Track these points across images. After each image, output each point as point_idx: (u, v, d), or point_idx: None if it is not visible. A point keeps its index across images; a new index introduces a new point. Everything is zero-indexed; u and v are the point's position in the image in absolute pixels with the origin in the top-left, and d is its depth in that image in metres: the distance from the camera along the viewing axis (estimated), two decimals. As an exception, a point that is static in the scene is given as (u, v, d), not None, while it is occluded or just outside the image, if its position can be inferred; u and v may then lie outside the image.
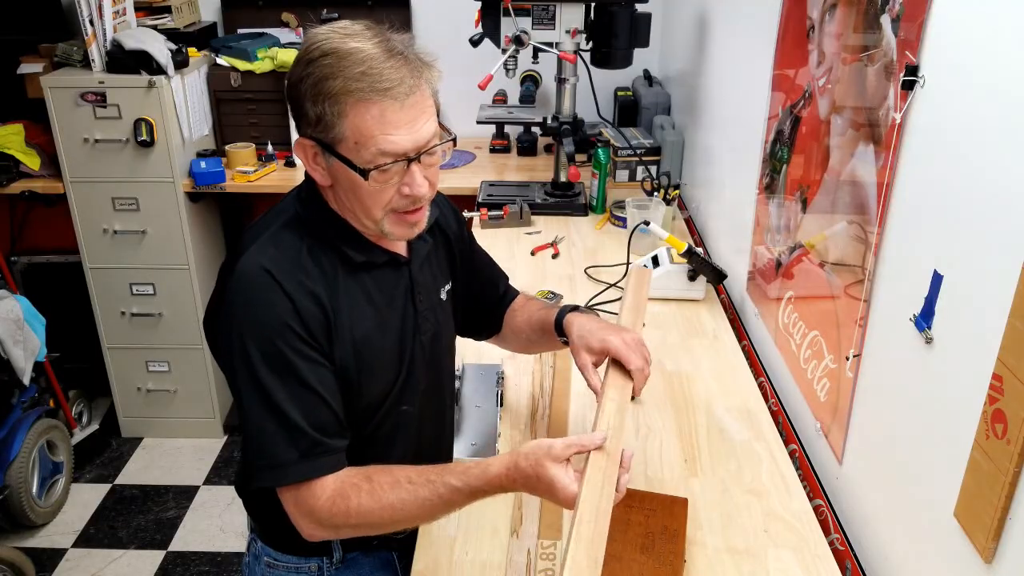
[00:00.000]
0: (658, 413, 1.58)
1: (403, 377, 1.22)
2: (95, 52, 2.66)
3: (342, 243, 1.14)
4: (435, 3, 3.10)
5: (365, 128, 1.02)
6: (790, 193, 1.60)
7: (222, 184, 2.80)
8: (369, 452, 1.21)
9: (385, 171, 1.05)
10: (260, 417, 1.06)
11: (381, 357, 1.19)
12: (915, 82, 1.09)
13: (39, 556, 2.59)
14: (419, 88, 1.05)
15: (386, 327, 1.19)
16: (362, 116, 1.02)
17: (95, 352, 3.05)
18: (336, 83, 1.01)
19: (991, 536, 0.89)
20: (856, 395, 1.28)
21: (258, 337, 1.06)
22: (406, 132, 1.04)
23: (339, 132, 1.03)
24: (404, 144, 1.05)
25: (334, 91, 1.01)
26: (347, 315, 1.13)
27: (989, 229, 0.93)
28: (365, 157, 1.04)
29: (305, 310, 1.08)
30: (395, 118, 1.03)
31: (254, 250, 1.10)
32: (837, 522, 1.31)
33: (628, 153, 2.64)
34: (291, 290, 1.07)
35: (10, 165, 2.82)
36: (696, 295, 1.99)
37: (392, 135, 1.03)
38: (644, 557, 1.17)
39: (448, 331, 1.34)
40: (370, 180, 1.05)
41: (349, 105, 1.02)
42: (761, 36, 1.79)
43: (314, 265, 1.11)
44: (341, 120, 1.03)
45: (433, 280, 1.29)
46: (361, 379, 1.16)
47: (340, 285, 1.13)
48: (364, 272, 1.17)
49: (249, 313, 1.07)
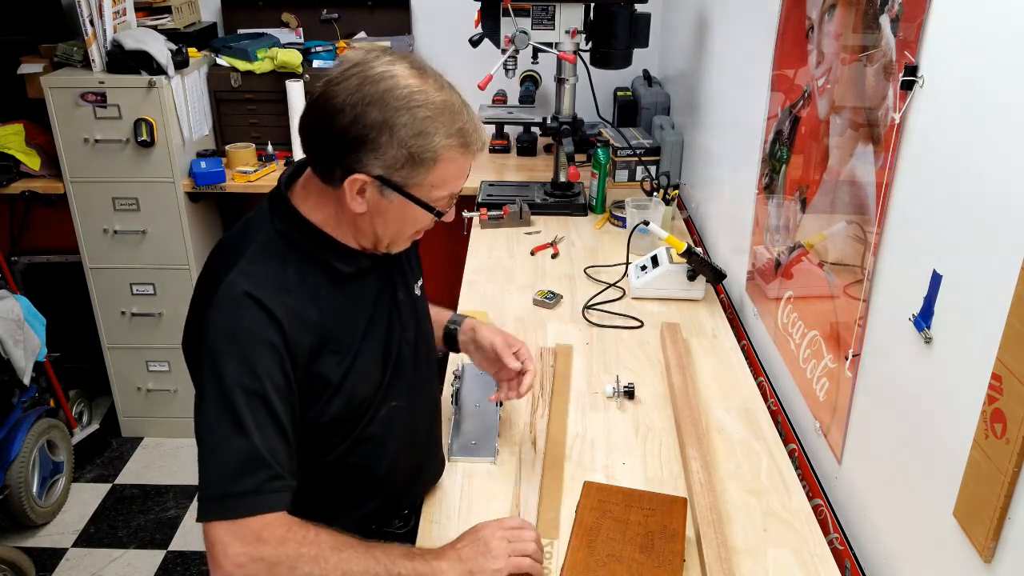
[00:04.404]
0: (658, 413, 1.58)
1: (390, 373, 1.24)
2: (95, 52, 2.66)
3: (329, 256, 1.15)
4: (435, 3, 3.10)
5: (449, 177, 1.12)
6: (789, 193, 1.60)
7: (222, 184, 2.80)
8: (364, 450, 1.23)
9: (448, 209, 1.17)
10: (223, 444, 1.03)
11: (370, 359, 1.20)
12: (914, 82, 1.09)
13: (39, 556, 2.59)
14: (485, 142, 1.19)
15: (374, 330, 1.21)
16: (450, 167, 1.11)
17: (95, 352, 3.05)
18: (438, 138, 1.07)
19: (990, 535, 0.89)
20: (855, 395, 1.28)
21: (237, 366, 1.04)
22: (467, 175, 1.17)
23: (423, 178, 1.09)
24: (463, 183, 1.17)
25: (435, 145, 1.07)
26: (336, 328, 1.14)
27: (988, 229, 0.93)
28: (435, 197, 1.13)
29: (293, 334, 1.07)
30: (469, 168, 1.16)
31: (235, 274, 1.08)
32: (836, 522, 1.31)
33: (627, 153, 2.64)
34: (280, 315, 1.06)
35: (10, 165, 2.82)
36: (695, 295, 1.99)
37: (463, 181, 1.16)
38: (644, 557, 1.17)
39: (427, 323, 1.37)
40: (441, 218, 1.16)
41: (444, 158, 1.09)
42: (760, 36, 1.79)
43: (299, 283, 1.11)
44: (432, 169, 1.09)
45: (410, 275, 1.32)
46: (351, 384, 1.16)
47: (326, 299, 1.14)
48: (350, 281, 1.18)
49: (234, 342, 1.05)
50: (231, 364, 1.04)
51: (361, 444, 1.23)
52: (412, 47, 3.01)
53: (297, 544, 1.02)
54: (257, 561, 1.00)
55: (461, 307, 1.98)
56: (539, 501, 1.34)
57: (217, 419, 1.04)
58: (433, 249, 2.45)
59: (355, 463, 1.24)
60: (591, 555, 1.17)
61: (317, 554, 1.03)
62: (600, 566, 1.15)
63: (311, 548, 1.03)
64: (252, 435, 1.03)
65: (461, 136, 1.09)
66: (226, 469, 1.02)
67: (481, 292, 2.06)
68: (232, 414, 1.03)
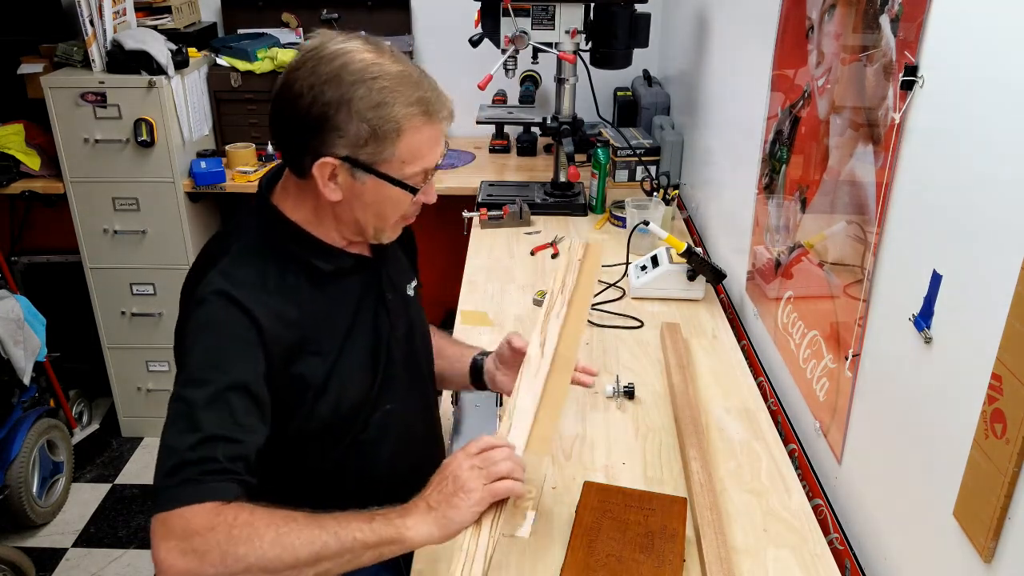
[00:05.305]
0: (658, 413, 1.58)
1: (381, 376, 1.22)
2: (95, 52, 2.66)
3: (309, 255, 1.14)
4: (435, 3, 3.10)
5: (417, 149, 1.08)
6: (789, 193, 1.60)
7: (222, 184, 2.80)
8: (357, 456, 1.22)
9: (424, 185, 1.13)
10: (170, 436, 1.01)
11: (356, 361, 1.19)
12: (914, 82, 1.09)
13: (39, 556, 2.59)
14: (451, 111, 1.13)
15: (359, 331, 1.19)
16: (416, 137, 1.08)
17: (95, 352, 3.05)
18: (397, 108, 1.05)
19: (990, 536, 0.89)
20: (855, 395, 1.28)
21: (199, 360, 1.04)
22: (440, 149, 1.13)
23: (390, 153, 1.07)
24: (438, 159, 1.13)
25: (396, 115, 1.05)
26: (317, 328, 1.13)
27: (988, 229, 0.93)
28: (408, 173, 1.10)
29: (271, 331, 1.06)
30: (439, 139, 1.12)
31: (215, 274, 1.08)
32: (836, 521, 1.31)
33: (627, 153, 2.64)
34: (257, 313, 1.06)
35: (10, 165, 2.82)
36: (695, 295, 1.99)
37: (435, 154, 1.12)
38: (644, 557, 1.17)
39: (421, 324, 1.35)
40: (417, 195, 1.12)
41: (407, 128, 1.06)
42: (760, 36, 1.79)
43: (279, 282, 1.11)
44: (397, 142, 1.06)
45: (400, 276, 1.30)
46: (336, 385, 1.15)
47: (307, 299, 1.13)
48: (331, 280, 1.17)
49: (202, 338, 1.05)
50: (193, 358, 1.04)
51: (356, 449, 1.22)
52: (412, 47, 3.01)
53: (228, 527, 0.96)
54: (188, 553, 0.95)
55: (461, 307, 1.98)
56: (535, 413, 1.17)
57: (175, 412, 1.03)
58: (433, 249, 2.45)
59: (351, 468, 1.23)
60: (591, 555, 1.17)
61: (250, 534, 0.96)
62: (600, 566, 1.15)
63: (243, 530, 0.96)
64: (199, 429, 1.00)
65: (422, 104, 1.06)
66: (167, 461, 1.00)
67: (481, 292, 2.06)
68: (185, 405, 1.02)
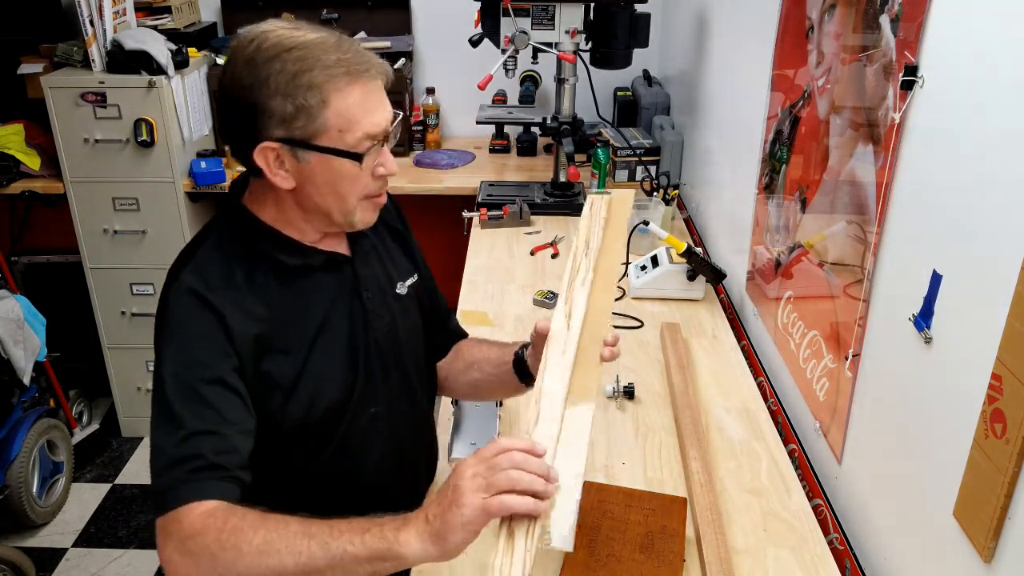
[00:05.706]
0: (658, 413, 1.58)
1: (362, 378, 1.20)
2: (95, 52, 2.66)
3: (275, 251, 1.13)
4: (435, 3, 3.10)
5: (349, 113, 1.04)
6: (789, 193, 1.60)
7: (222, 184, 2.80)
8: (343, 461, 1.20)
9: (371, 154, 1.07)
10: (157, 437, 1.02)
11: (330, 361, 1.16)
12: (914, 82, 1.09)
13: (39, 556, 2.59)
14: (381, 69, 1.08)
15: (332, 330, 1.17)
16: (345, 101, 1.03)
17: (95, 352, 3.04)
18: (315, 73, 1.01)
19: (990, 535, 0.89)
20: (855, 395, 1.28)
21: (172, 359, 1.04)
22: (382, 112, 1.07)
23: (322, 122, 1.03)
24: (382, 124, 1.07)
25: (315, 81, 1.01)
26: (285, 326, 1.12)
27: (988, 229, 0.93)
28: (350, 142, 1.05)
29: (237, 326, 1.06)
30: (373, 100, 1.06)
31: (185, 273, 1.08)
32: (836, 521, 1.31)
33: (627, 153, 2.64)
34: (224, 309, 1.06)
35: (10, 165, 2.81)
36: (695, 295, 1.99)
37: (373, 117, 1.06)
38: (644, 557, 1.17)
39: (408, 324, 1.29)
40: (364, 162, 1.06)
41: (331, 92, 1.02)
42: (760, 36, 1.79)
43: (247, 280, 1.10)
44: (324, 109, 1.03)
45: (384, 273, 1.27)
46: (308, 386, 1.14)
47: (275, 296, 1.12)
48: (301, 278, 1.15)
49: (172, 336, 1.05)
50: (166, 357, 1.05)
51: (342, 452, 1.20)
52: (412, 47, 3.01)
53: (217, 532, 0.94)
54: (185, 554, 0.95)
55: (461, 307, 1.98)
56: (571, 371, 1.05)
57: (157, 413, 1.03)
58: (433, 249, 2.45)
59: (339, 472, 1.21)
60: (591, 555, 1.17)
61: (238, 540, 0.94)
62: (600, 566, 1.15)
63: (231, 535, 0.94)
64: (181, 427, 1.00)
65: (342, 65, 1.02)
66: (157, 461, 1.01)
67: (481, 292, 2.06)
68: (165, 405, 1.02)
